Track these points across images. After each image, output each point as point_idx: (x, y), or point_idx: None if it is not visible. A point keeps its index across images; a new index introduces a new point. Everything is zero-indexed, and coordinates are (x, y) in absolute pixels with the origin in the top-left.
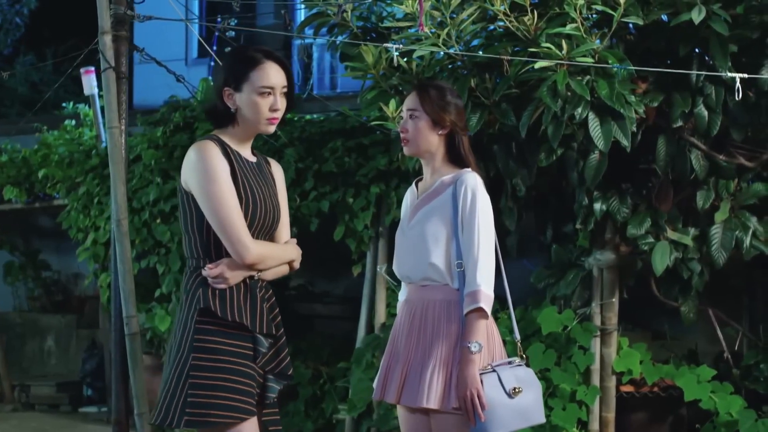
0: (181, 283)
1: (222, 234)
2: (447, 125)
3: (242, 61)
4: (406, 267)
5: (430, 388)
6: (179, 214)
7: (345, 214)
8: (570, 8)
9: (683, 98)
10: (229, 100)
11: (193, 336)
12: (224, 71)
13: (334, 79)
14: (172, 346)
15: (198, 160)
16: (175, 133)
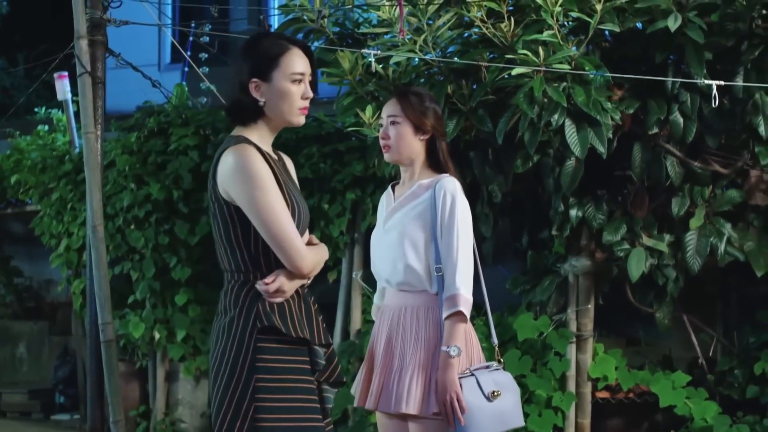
0: (224, 298)
1: (276, 244)
2: (428, 131)
3: (268, 48)
4: (384, 271)
5: (409, 394)
6: (215, 226)
7: (320, 221)
8: (547, 15)
9: (659, 105)
10: (257, 92)
11: (253, 356)
12: (248, 61)
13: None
14: (223, 368)
15: (241, 167)
16: (149, 138)
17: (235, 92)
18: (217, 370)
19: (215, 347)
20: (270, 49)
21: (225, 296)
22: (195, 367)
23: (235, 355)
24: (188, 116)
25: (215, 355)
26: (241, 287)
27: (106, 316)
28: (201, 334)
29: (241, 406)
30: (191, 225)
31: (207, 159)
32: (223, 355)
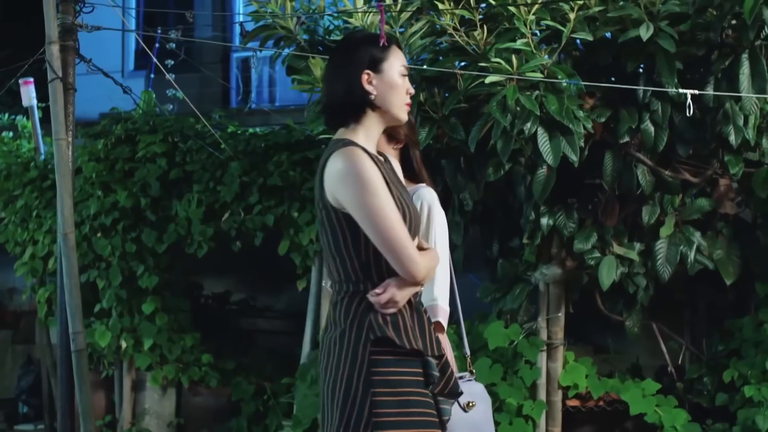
0: (334, 310)
1: (389, 251)
2: (401, 140)
3: (376, 41)
4: None
5: None
6: (323, 234)
7: (290, 228)
8: (520, 23)
9: (630, 114)
10: (370, 84)
11: (368, 369)
12: (359, 54)
13: (272, 93)
14: (338, 383)
15: (350, 171)
16: (116, 145)
17: (338, 91)
18: (332, 385)
19: (327, 361)
20: (377, 41)
21: (334, 308)
22: (162, 376)
23: (350, 369)
24: (156, 123)
25: (328, 369)
26: (351, 298)
27: (77, 325)
28: (168, 342)
29: (360, 422)
30: (159, 233)
31: (175, 166)
32: (337, 370)
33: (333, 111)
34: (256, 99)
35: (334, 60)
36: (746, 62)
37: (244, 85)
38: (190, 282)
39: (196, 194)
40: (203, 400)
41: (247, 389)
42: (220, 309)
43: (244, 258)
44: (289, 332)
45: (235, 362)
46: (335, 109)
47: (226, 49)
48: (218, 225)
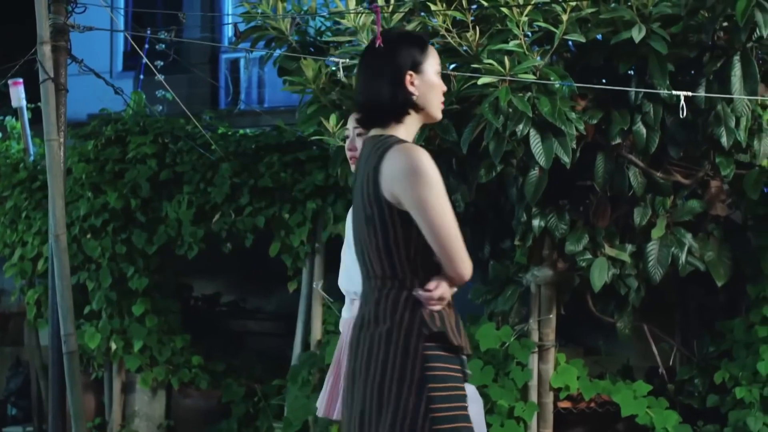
0: (376, 306)
1: (444, 249)
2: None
3: (416, 40)
4: (354, 283)
5: None
6: (370, 231)
7: (281, 230)
8: (512, 25)
9: (622, 116)
10: (412, 85)
11: (423, 365)
12: (402, 54)
13: (261, 94)
14: (384, 378)
15: (414, 167)
16: (106, 146)
17: (382, 92)
18: (379, 381)
19: (371, 358)
20: (418, 42)
21: (377, 304)
22: (152, 378)
23: (402, 365)
24: (146, 124)
25: (373, 366)
26: (397, 294)
27: (69, 326)
28: (158, 344)
29: (417, 417)
30: (149, 234)
31: (165, 167)
32: (385, 366)
33: (374, 112)
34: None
35: (374, 60)
36: (738, 64)
37: (233, 86)
38: (179, 283)
39: (187, 195)
40: (193, 402)
41: (237, 391)
42: (209, 311)
43: (233, 259)
44: (279, 334)
45: (225, 364)
46: (376, 109)
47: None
48: (209, 226)
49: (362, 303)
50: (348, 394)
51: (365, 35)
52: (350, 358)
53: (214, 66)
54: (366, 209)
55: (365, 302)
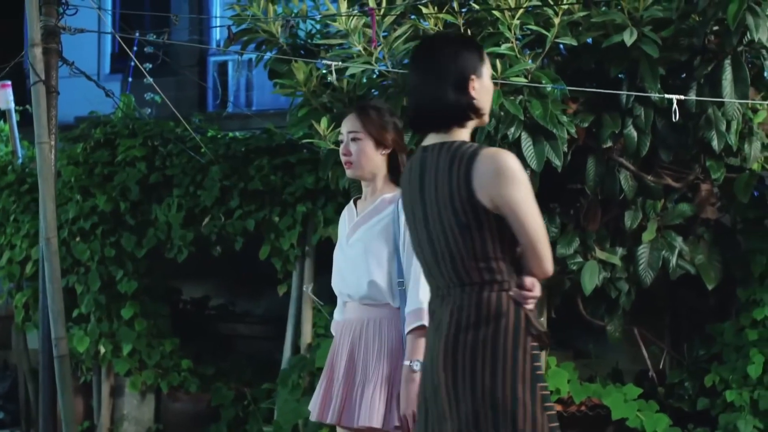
0: (476, 311)
1: (537, 251)
2: (389, 145)
3: (474, 43)
4: (347, 285)
5: (372, 407)
6: (460, 236)
7: (271, 233)
8: (504, 28)
9: (613, 119)
10: (474, 90)
11: (532, 364)
12: (464, 57)
13: (249, 97)
14: (500, 383)
15: (512, 171)
16: (95, 149)
17: (445, 96)
18: (490, 385)
19: (474, 362)
20: (477, 45)
21: (477, 309)
22: (141, 382)
23: (513, 366)
24: (136, 127)
25: (480, 370)
26: (498, 297)
27: (60, 330)
28: (147, 348)
29: (536, 415)
30: (138, 237)
31: (155, 170)
32: (495, 369)
33: (435, 116)
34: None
35: (435, 63)
36: (729, 68)
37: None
38: (168, 287)
39: (176, 198)
40: (182, 406)
41: (226, 395)
42: (199, 314)
43: (222, 263)
44: (269, 337)
45: (215, 368)
46: (439, 114)
47: (203, 52)
48: (198, 229)
49: (449, 310)
50: (441, 401)
51: (356, 38)
52: (440, 367)
53: (202, 69)
54: (459, 217)
55: (454, 309)
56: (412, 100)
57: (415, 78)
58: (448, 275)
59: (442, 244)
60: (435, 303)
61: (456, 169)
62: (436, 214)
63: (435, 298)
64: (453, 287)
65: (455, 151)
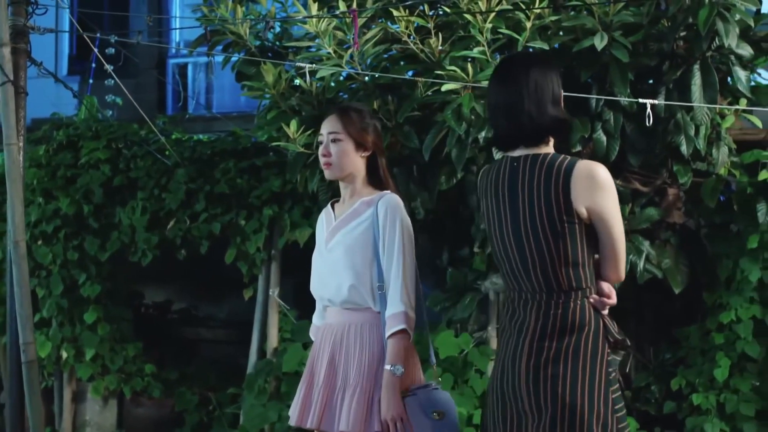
0: (564, 318)
1: (619, 257)
2: (369, 147)
3: (555, 56)
4: (328, 290)
5: (353, 412)
6: (560, 244)
7: (237, 237)
8: (475, 31)
9: (582, 123)
10: (563, 106)
11: (606, 369)
12: (556, 74)
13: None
14: (579, 389)
15: (608, 182)
16: (58, 151)
17: (546, 110)
18: (570, 389)
19: (557, 367)
20: (556, 64)
21: (564, 316)
22: (103, 387)
23: (591, 372)
24: (99, 129)
25: (562, 375)
26: (582, 304)
27: (28, 335)
28: (110, 353)
29: (608, 419)
30: (102, 241)
31: (119, 173)
32: (576, 375)
33: (535, 131)
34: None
35: (535, 82)
36: (698, 73)
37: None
38: (130, 291)
39: (141, 201)
40: (146, 411)
41: (190, 399)
42: (161, 318)
43: (184, 266)
44: (232, 342)
45: (178, 372)
46: (538, 129)
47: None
48: (163, 233)
49: (534, 315)
50: (521, 399)
51: (327, 40)
52: (522, 369)
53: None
54: (554, 226)
55: (540, 315)
56: (502, 117)
57: (507, 96)
58: (537, 281)
59: (534, 251)
60: (517, 303)
61: (554, 180)
62: (530, 222)
63: (518, 300)
64: (540, 293)
65: (551, 163)
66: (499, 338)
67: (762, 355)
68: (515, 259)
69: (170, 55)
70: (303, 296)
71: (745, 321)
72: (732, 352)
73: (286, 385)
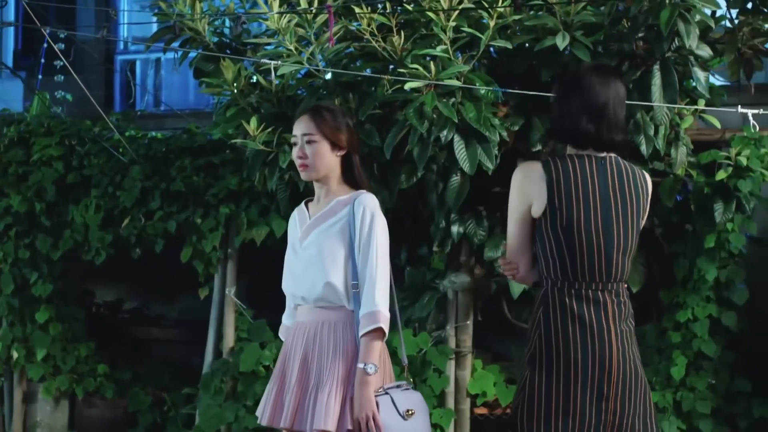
0: (625, 307)
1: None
2: (344, 146)
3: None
4: (301, 288)
5: (327, 410)
6: (634, 240)
7: (193, 235)
8: (438, 29)
9: (543, 122)
10: None
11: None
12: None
13: (157, 97)
14: (640, 372)
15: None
16: (9, 148)
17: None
18: (635, 375)
19: (634, 350)
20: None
21: (625, 305)
22: (55, 388)
23: (637, 363)
24: (51, 126)
25: (633, 357)
26: (628, 300)
27: None
28: (62, 353)
29: (651, 407)
30: (54, 239)
31: (72, 170)
32: (636, 360)
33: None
34: (140, 103)
35: (623, 90)
36: (658, 73)
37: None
38: (81, 290)
39: (95, 199)
40: (98, 412)
41: (144, 400)
42: (112, 318)
43: (135, 265)
44: (185, 341)
45: (131, 372)
46: (625, 138)
47: (110, 51)
48: (117, 231)
49: (615, 301)
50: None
51: (289, 37)
52: (615, 350)
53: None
54: (638, 221)
55: (620, 303)
56: (603, 118)
57: (610, 101)
58: (618, 269)
59: (623, 242)
60: (593, 289)
61: (639, 182)
62: (623, 215)
63: (594, 289)
64: (617, 282)
65: (630, 167)
66: (551, 329)
67: (718, 353)
68: (601, 248)
69: (118, 51)
70: (259, 295)
71: (702, 320)
72: (688, 350)
73: (242, 385)
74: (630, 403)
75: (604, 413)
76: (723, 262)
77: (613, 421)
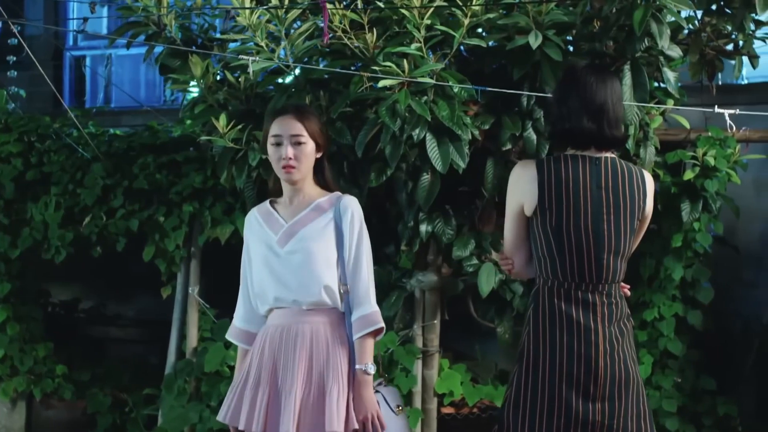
0: (621, 303)
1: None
2: (324, 148)
3: None
4: (291, 292)
5: (338, 412)
6: (630, 239)
7: (156, 233)
8: (412, 27)
9: (513, 121)
10: None
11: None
12: None
13: (108, 93)
14: (632, 364)
15: None
16: None
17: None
18: (625, 377)
19: (622, 349)
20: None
21: (622, 300)
22: (12, 388)
23: (632, 349)
24: (9, 122)
25: (631, 353)
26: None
27: None
28: (19, 353)
29: (646, 408)
30: (12, 237)
31: (31, 167)
32: (627, 361)
33: (620, 133)
34: (91, 100)
35: (620, 89)
36: (628, 73)
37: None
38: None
39: (54, 197)
40: (56, 414)
41: (103, 401)
42: (68, 317)
43: (92, 264)
44: (143, 341)
45: (90, 373)
46: (622, 136)
47: (59, 46)
48: (77, 229)
49: (606, 302)
50: (603, 375)
51: (260, 34)
52: (605, 351)
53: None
54: (633, 223)
55: (612, 304)
56: (603, 116)
57: (609, 98)
58: (609, 270)
59: (614, 244)
60: (582, 290)
61: (636, 182)
62: (614, 217)
63: (584, 290)
64: (608, 283)
65: (627, 167)
66: (539, 326)
67: (683, 352)
68: (592, 249)
69: (67, 47)
70: (222, 294)
71: (668, 319)
72: (654, 349)
73: (206, 385)
74: (620, 404)
75: (592, 413)
76: (689, 261)
77: (602, 422)
